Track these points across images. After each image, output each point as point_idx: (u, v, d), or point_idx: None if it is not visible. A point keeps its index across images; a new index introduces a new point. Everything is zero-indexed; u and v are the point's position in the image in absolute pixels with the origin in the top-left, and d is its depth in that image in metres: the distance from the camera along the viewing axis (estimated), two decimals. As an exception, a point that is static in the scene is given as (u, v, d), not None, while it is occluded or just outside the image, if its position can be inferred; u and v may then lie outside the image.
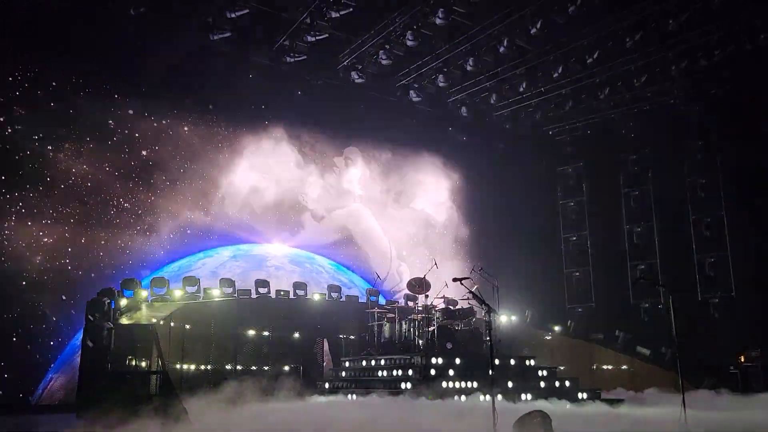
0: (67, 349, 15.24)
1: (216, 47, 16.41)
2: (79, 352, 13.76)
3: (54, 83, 15.46)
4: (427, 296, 14.77)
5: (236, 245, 18.50)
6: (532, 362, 14.23)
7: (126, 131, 16.58)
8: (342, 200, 20.87)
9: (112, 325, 12.34)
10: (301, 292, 16.12)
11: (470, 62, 17.62)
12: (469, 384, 12.29)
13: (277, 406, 11.30)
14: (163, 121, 17.11)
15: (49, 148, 15.42)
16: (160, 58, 16.10)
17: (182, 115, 17.46)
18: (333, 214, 20.58)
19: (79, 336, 14.68)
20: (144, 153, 16.86)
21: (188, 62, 16.65)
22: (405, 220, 21.69)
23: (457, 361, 12.91)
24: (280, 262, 18.91)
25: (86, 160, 15.85)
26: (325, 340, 16.01)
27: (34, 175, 15.17)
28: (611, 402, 13.14)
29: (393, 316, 14.96)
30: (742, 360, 16.35)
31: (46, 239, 15.12)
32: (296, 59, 17.19)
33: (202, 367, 14.13)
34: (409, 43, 16.49)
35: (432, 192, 22.22)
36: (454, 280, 12.94)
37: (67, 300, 15.26)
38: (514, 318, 16.81)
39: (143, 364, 12.55)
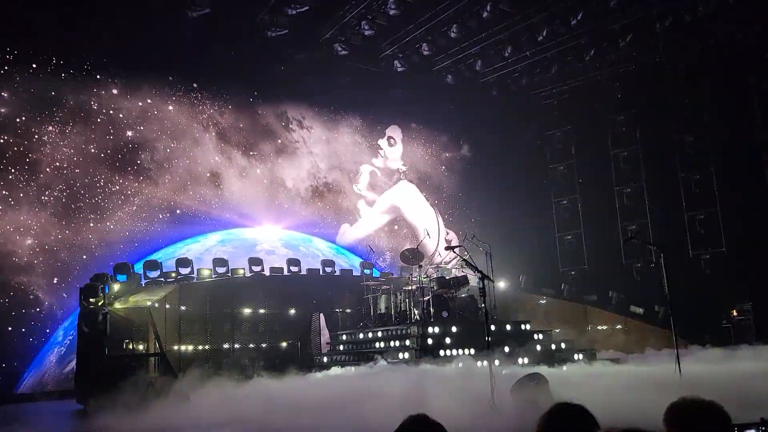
0: (46, 346, 15.14)
1: (196, 24, 16.12)
2: (53, 349, 13.78)
3: (34, 65, 15.14)
4: (420, 266, 14.81)
5: (227, 229, 18.22)
6: (528, 326, 14.34)
7: (110, 112, 16.35)
8: (389, 180, 20.95)
9: (107, 310, 12.33)
10: (295, 269, 16.14)
11: (454, 29, 17.44)
12: (466, 351, 12.38)
13: (277, 382, 11.35)
14: (148, 100, 16.86)
15: (33, 131, 15.21)
16: (140, 36, 15.80)
17: (166, 94, 17.21)
18: (383, 196, 20.70)
19: (57, 332, 14.73)
20: (129, 134, 16.65)
21: (169, 40, 16.36)
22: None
23: (454, 329, 12.99)
24: (272, 245, 18.60)
25: (71, 142, 15.65)
26: (321, 314, 16.07)
27: (18, 159, 14.99)
28: (607, 362, 13.30)
29: (388, 287, 15.02)
30: (734, 314, 16.57)
31: (34, 224, 14.98)
32: (277, 33, 16.94)
33: (200, 347, 14.17)
34: (391, 12, 16.28)
35: (430, 160, 22.20)
36: (447, 248, 13.02)
37: (59, 283, 15.20)
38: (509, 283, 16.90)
39: (141, 347, 12.59)
